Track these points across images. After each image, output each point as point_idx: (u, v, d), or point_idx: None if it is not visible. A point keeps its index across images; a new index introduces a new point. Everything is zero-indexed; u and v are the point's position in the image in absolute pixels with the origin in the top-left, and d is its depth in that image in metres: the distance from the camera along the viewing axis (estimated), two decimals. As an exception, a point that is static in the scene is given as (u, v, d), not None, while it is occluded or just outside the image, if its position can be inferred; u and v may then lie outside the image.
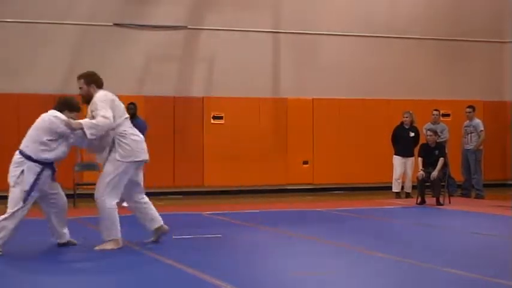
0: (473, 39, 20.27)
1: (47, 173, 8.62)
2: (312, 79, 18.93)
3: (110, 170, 8.71)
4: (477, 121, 16.73)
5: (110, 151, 8.75)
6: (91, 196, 14.68)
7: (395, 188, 16.69)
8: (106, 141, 8.73)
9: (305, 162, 18.69)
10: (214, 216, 9.18)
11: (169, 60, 17.92)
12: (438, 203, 14.72)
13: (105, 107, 8.66)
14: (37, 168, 8.43)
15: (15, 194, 8.33)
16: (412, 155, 16.50)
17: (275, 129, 18.46)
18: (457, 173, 16.81)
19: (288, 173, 18.55)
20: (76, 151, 16.79)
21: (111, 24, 17.58)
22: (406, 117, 16.65)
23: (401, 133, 16.65)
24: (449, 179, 15.71)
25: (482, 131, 16.56)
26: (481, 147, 16.77)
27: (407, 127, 16.67)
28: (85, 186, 15.30)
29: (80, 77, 9.01)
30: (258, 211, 12.85)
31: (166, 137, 17.29)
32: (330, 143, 18.77)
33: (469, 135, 16.67)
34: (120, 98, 16.57)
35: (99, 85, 9.04)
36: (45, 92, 16.83)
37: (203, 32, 18.30)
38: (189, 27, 18.20)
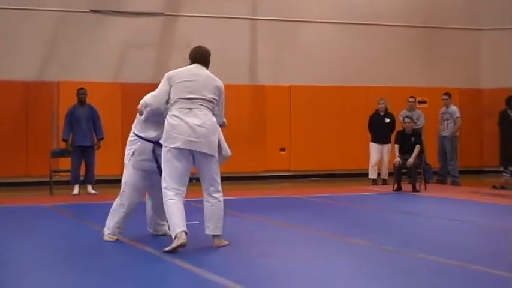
0: (450, 26, 20.37)
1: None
2: (290, 66, 18.94)
3: None
4: (453, 108, 16.83)
5: None
6: (67, 183, 14.79)
7: (372, 175, 16.78)
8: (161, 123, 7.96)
9: (282, 149, 18.72)
10: (192, 203, 9.17)
11: (146, 47, 17.85)
12: (414, 190, 14.81)
13: (161, 84, 7.91)
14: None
15: None
16: (388, 142, 16.58)
17: (253, 116, 18.46)
18: (433, 160, 16.93)
19: (265, 160, 18.57)
20: (52, 137, 16.78)
21: (87, 10, 17.47)
22: (382, 104, 16.77)
23: (376, 120, 16.76)
24: (426, 166, 15.83)
25: (458, 117, 16.66)
26: (457, 134, 16.89)
27: (382, 114, 16.78)
28: (61, 173, 15.26)
29: None
30: (235, 198, 12.85)
31: (144, 124, 17.18)
32: (307, 130, 18.81)
33: (445, 122, 16.77)
34: (97, 85, 16.77)
35: (194, 59, 8.08)
36: (21, 79, 16.72)
37: (180, 18, 18.25)
38: (166, 13, 18.13)
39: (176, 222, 7.58)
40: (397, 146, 15.33)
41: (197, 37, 18.07)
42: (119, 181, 8.66)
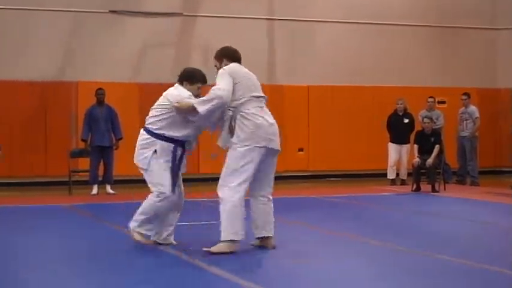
0: (468, 26, 20.25)
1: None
2: (307, 66, 18.90)
3: (230, 156, 7.62)
4: (472, 108, 16.74)
5: (232, 134, 7.62)
6: (86, 183, 14.84)
7: (390, 175, 16.73)
8: (222, 118, 7.75)
9: (300, 150, 18.69)
10: (210, 203, 9.17)
11: (164, 47, 17.88)
12: (433, 190, 14.75)
13: (224, 78, 7.71)
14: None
15: None
16: (407, 142, 16.52)
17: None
18: (452, 160, 16.85)
19: (283, 160, 18.38)
20: (71, 137, 16.85)
21: (107, 11, 17.53)
22: (400, 104, 16.73)
23: (395, 120, 16.70)
24: (445, 166, 15.75)
25: (477, 118, 16.58)
26: (477, 134, 16.81)
27: (401, 114, 16.73)
28: (80, 173, 15.31)
29: (214, 56, 8.28)
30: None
31: (162, 124, 17.20)
32: (325, 130, 18.76)
33: (465, 122, 16.70)
34: (115, 85, 16.82)
35: (233, 58, 8.09)
36: (39, 80, 16.79)
37: (198, 19, 18.26)
38: (185, 14, 18.16)
39: (236, 230, 7.47)
40: (416, 146, 15.27)
41: (215, 37, 18.11)
42: (137, 181, 8.68)
